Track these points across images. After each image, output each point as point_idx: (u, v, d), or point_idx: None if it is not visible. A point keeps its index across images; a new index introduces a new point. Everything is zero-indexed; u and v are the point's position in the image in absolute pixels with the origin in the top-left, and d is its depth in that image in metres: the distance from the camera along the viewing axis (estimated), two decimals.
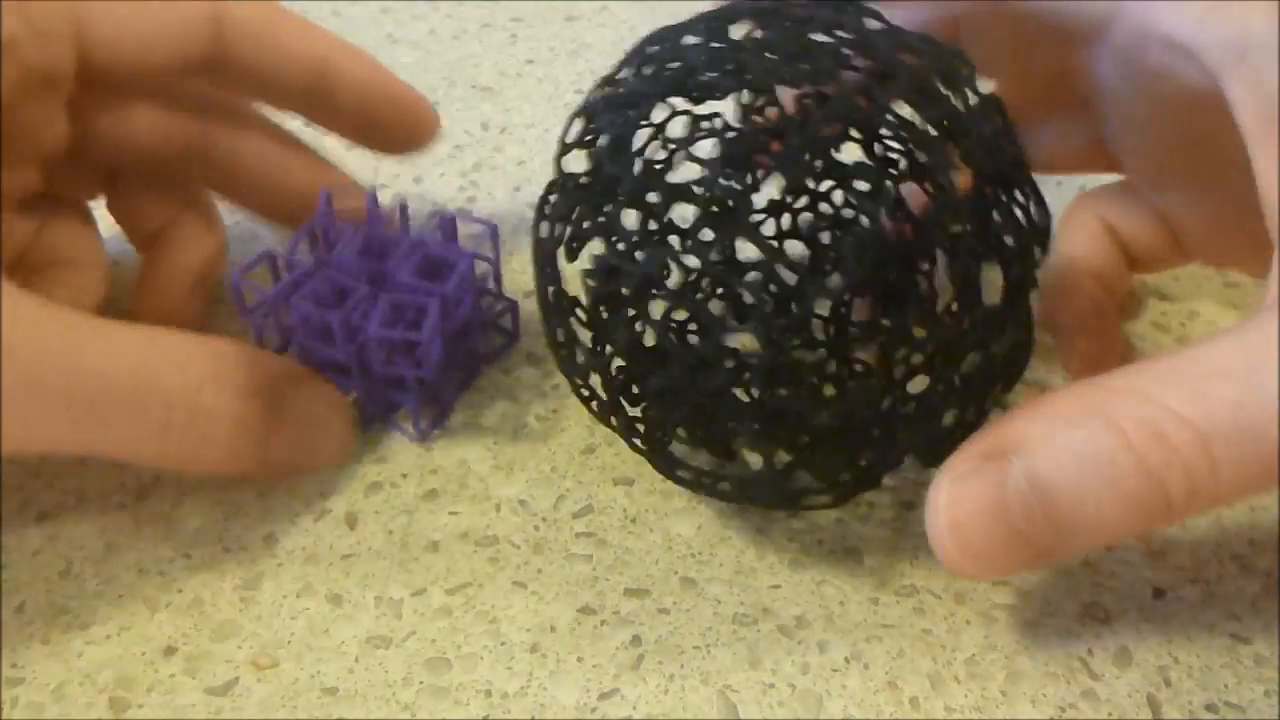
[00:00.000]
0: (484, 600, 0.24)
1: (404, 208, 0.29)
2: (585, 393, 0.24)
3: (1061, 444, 0.20)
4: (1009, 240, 0.22)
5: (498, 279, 0.30)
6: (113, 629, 0.23)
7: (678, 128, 0.23)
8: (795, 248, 0.29)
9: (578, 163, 0.23)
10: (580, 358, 0.24)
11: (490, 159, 0.38)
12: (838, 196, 0.29)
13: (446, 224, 0.28)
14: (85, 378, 0.21)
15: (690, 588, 0.24)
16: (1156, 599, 0.25)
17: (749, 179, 0.22)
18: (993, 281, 0.23)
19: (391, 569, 0.25)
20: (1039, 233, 0.23)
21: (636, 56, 0.24)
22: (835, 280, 0.21)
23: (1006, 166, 0.22)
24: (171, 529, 0.25)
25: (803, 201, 0.29)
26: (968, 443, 0.21)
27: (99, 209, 0.30)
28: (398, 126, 0.30)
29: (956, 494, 0.20)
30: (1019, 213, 0.23)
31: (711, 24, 0.23)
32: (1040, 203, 0.23)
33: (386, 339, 0.26)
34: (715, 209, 0.22)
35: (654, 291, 0.22)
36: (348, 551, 0.25)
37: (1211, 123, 0.22)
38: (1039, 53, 0.27)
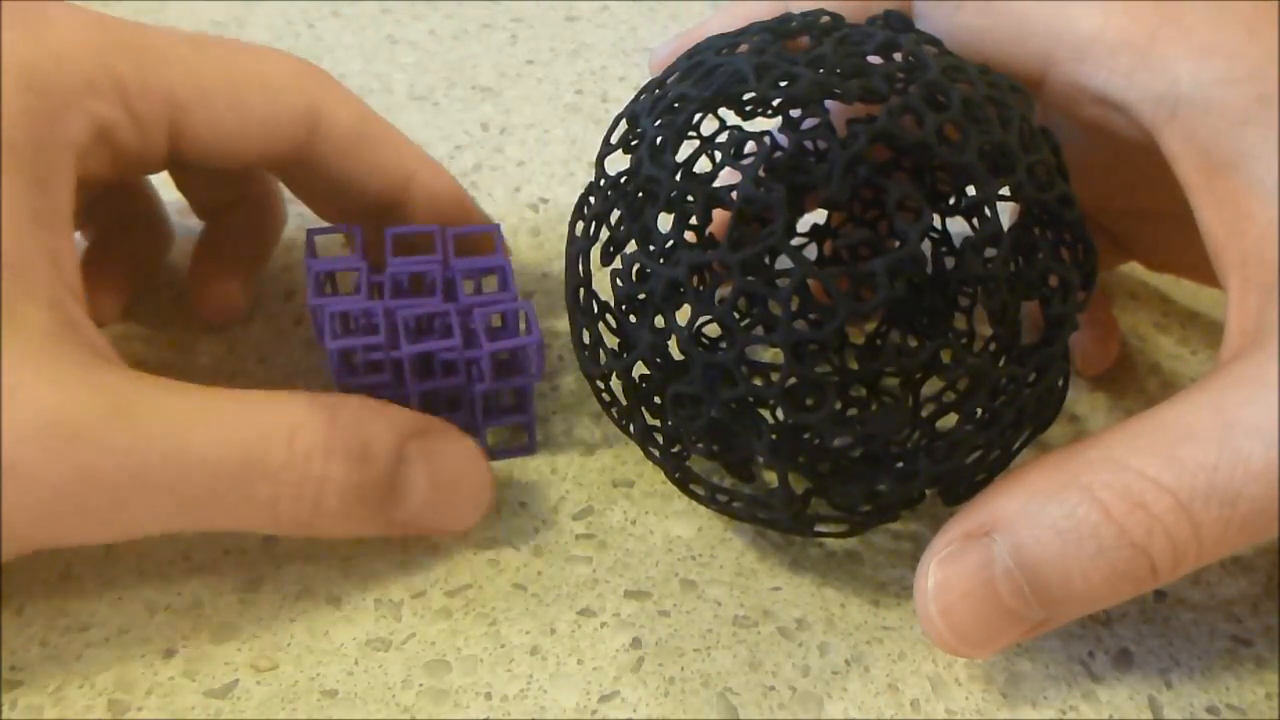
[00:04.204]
0: (484, 602, 0.24)
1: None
2: (606, 398, 0.24)
3: (1043, 520, 0.20)
4: (1052, 279, 0.22)
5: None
6: (112, 631, 0.23)
7: (722, 136, 0.23)
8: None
9: (619, 165, 0.23)
10: (603, 360, 0.24)
11: (490, 159, 0.38)
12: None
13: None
14: (191, 466, 0.20)
15: (690, 590, 0.24)
16: (1157, 601, 0.25)
17: (788, 191, 0.21)
18: (1033, 319, 0.23)
19: (391, 571, 0.25)
20: (1083, 272, 0.23)
21: (686, 61, 0.24)
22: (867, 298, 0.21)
23: (1055, 203, 0.22)
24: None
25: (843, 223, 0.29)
26: (949, 522, 0.21)
27: None
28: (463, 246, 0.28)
29: (944, 577, 0.20)
30: (1064, 251, 0.23)
31: (767, 36, 0.23)
32: (1087, 242, 0.23)
33: (499, 350, 0.25)
34: (751, 218, 0.22)
35: (680, 289, 0.22)
36: (347, 553, 0.25)
37: (1146, 164, 0.22)
38: None
